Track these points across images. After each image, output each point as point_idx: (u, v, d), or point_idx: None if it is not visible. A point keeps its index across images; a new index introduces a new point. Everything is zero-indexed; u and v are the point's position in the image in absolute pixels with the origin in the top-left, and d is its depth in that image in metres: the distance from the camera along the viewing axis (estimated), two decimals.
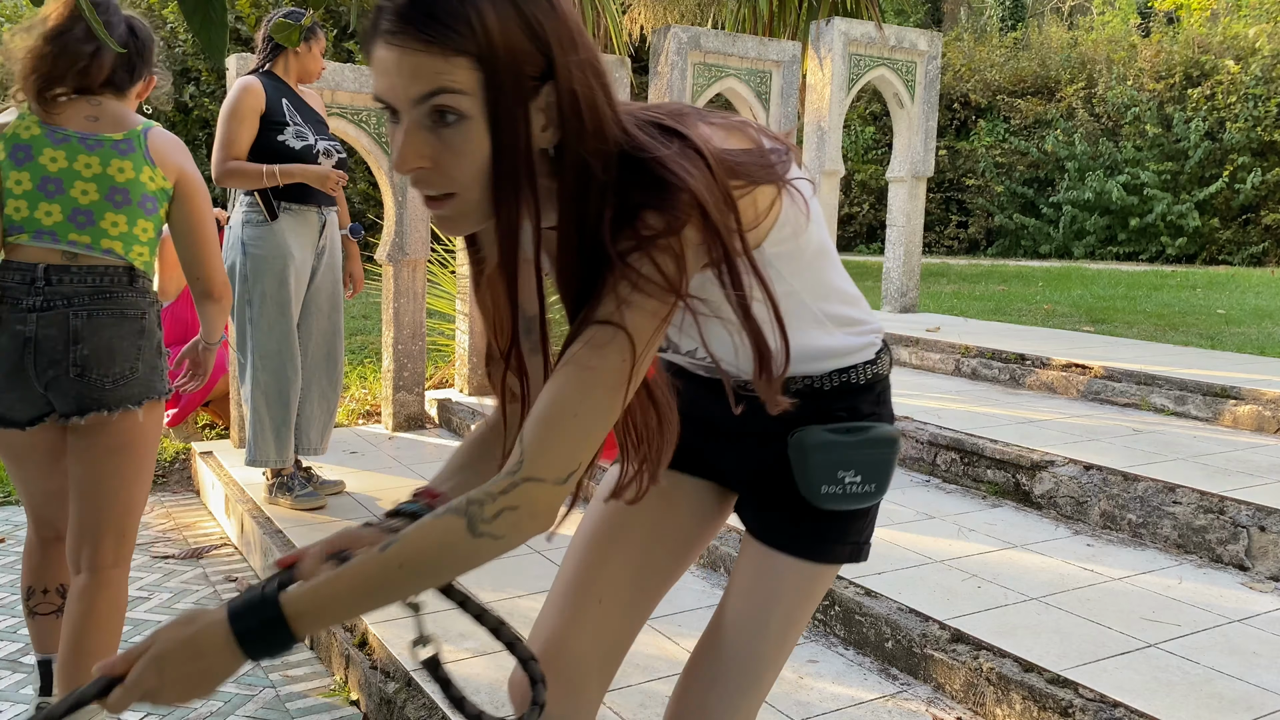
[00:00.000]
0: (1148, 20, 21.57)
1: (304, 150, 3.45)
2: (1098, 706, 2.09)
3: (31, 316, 2.06)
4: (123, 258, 2.13)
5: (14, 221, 2.08)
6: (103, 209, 2.11)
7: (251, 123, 3.40)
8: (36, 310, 2.06)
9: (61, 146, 2.09)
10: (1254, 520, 2.91)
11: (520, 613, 2.75)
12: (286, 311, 3.48)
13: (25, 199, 2.07)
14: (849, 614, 2.62)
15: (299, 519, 3.52)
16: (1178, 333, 7.08)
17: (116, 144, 2.13)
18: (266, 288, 3.44)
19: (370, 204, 10.65)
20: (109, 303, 2.11)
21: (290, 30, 1.58)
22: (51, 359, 2.07)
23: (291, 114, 3.49)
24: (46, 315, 2.06)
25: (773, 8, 7.08)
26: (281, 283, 3.45)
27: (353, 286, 3.90)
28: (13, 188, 2.07)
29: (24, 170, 2.07)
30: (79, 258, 2.10)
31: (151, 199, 2.16)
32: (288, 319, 3.48)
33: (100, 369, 2.10)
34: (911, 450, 3.96)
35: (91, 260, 2.10)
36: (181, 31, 11.21)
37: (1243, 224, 15.05)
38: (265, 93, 3.44)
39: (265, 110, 3.43)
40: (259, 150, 3.42)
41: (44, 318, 2.06)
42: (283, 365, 3.50)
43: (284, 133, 3.44)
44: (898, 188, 6.77)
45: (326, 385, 3.70)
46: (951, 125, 18.06)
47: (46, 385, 2.08)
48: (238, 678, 2.69)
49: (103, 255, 2.11)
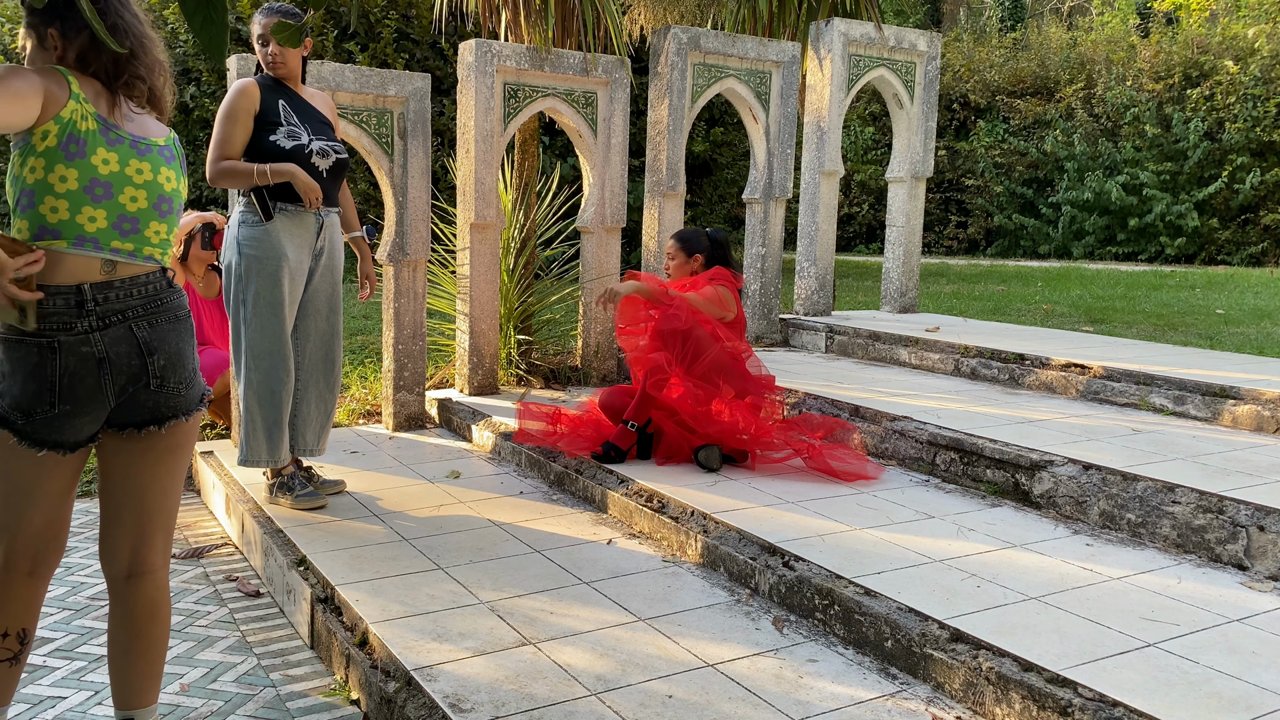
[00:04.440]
0: (1147, 20, 21.60)
1: (295, 150, 3.45)
2: (1097, 706, 2.09)
3: (95, 336, 1.96)
4: (159, 262, 2.09)
5: (49, 224, 1.94)
6: (148, 218, 2.04)
7: (245, 123, 3.42)
8: (95, 330, 1.97)
9: (115, 148, 1.99)
10: (1253, 520, 2.92)
11: (521, 612, 2.76)
12: (279, 312, 3.48)
13: (67, 199, 1.94)
14: (848, 613, 2.63)
15: (299, 519, 3.52)
16: (1177, 333, 7.08)
17: (162, 149, 2.08)
18: (260, 288, 3.44)
19: (370, 204, 10.64)
20: (162, 308, 2.06)
21: (290, 31, 1.58)
22: (130, 375, 2.01)
23: (287, 114, 3.49)
24: (109, 333, 1.98)
25: (772, 8, 7.08)
26: (275, 283, 3.45)
27: (369, 286, 3.89)
28: (56, 184, 1.93)
29: (72, 166, 1.94)
30: (117, 268, 2.00)
31: (181, 205, 2.16)
32: (280, 320, 3.49)
33: (176, 376, 2.07)
34: (911, 450, 3.96)
35: (132, 269, 2.02)
36: (182, 32, 11.21)
37: (1242, 224, 15.06)
38: (261, 94, 3.46)
39: (260, 111, 3.44)
40: (252, 150, 3.44)
41: (107, 335, 1.97)
42: (275, 366, 3.51)
43: (276, 133, 3.44)
44: (897, 188, 6.78)
45: (324, 387, 3.70)
46: (951, 125, 18.07)
47: (119, 400, 2.02)
48: (239, 677, 2.70)
49: (144, 263, 2.05)
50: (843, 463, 3.78)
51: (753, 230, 6.24)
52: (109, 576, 2.15)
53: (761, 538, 3.07)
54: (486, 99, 4.96)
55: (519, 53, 5.06)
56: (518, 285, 5.64)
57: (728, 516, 3.27)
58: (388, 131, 4.69)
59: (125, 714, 2.17)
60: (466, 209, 5.05)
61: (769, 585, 2.89)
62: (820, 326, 6.09)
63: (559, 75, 5.22)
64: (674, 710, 2.24)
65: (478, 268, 5.09)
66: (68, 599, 3.19)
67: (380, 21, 10.44)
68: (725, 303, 4.05)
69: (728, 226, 13.12)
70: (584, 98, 5.34)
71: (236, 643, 2.92)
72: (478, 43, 4.92)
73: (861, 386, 4.81)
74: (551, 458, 4.08)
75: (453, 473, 4.17)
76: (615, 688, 2.33)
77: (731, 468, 3.91)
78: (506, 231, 5.60)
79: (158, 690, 2.20)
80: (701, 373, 3.91)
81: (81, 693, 2.59)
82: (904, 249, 6.78)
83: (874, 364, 5.60)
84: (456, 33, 10.73)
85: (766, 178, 6.13)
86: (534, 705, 2.24)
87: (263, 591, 3.31)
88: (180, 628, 3.00)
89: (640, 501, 3.54)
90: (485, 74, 4.95)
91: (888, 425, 4.09)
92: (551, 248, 6.06)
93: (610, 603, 2.84)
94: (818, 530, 3.16)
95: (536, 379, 5.44)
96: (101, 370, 1.98)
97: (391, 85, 4.63)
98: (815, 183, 6.39)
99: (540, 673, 2.40)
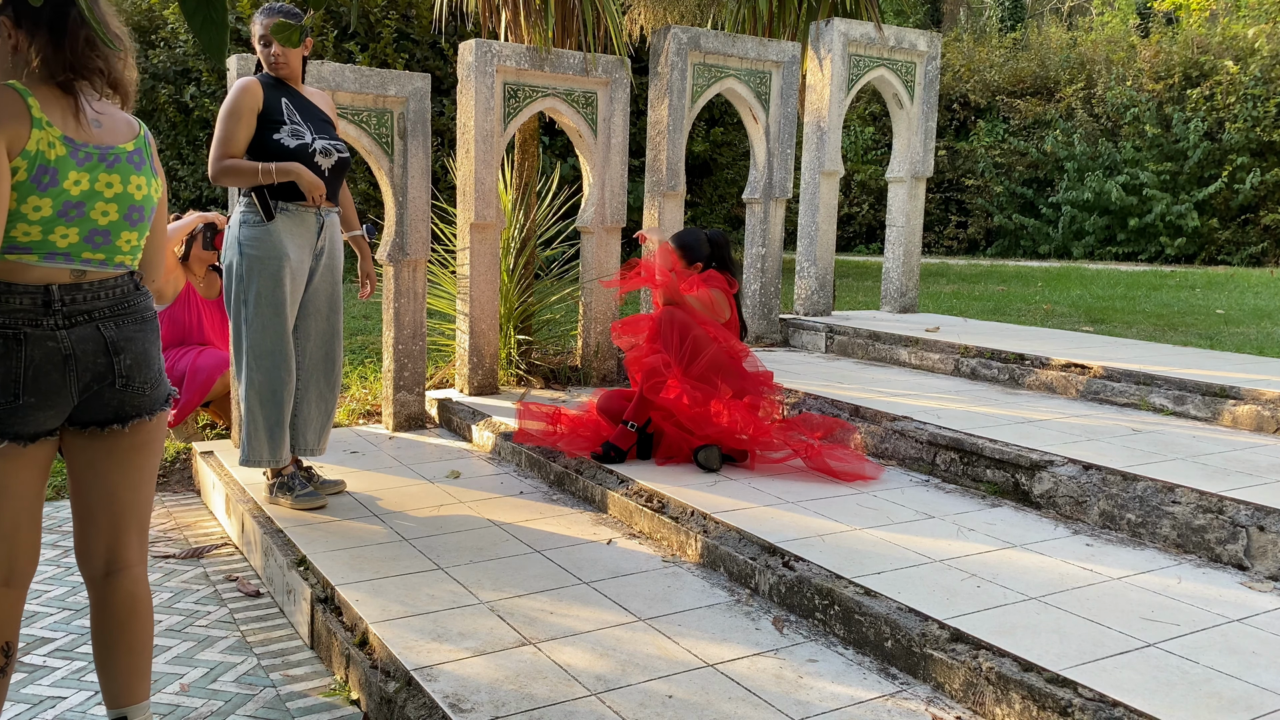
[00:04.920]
0: (1147, 21, 21.59)
1: (299, 149, 3.45)
2: (1097, 706, 2.09)
3: (61, 333, 1.97)
4: (128, 268, 2.10)
5: (19, 243, 1.94)
6: (120, 229, 2.05)
7: (249, 121, 3.42)
8: (62, 327, 1.98)
9: (85, 167, 1.98)
10: (1253, 520, 2.92)
11: (521, 612, 2.76)
12: (281, 312, 3.48)
13: (40, 224, 1.94)
14: (848, 613, 2.63)
15: (300, 519, 3.52)
16: (1177, 333, 7.08)
17: (131, 156, 2.07)
18: (261, 287, 3.44)
19: (370, 204, 10.64)
20: (129, 310, 2.07)
21: (290, 31, 1.58)
22: (96, 373, 2.02)
23: (290, 113, 3.49)
24: (75, 331, 1.99)
25: (772, 8, 7.08)
26: (277, 283, 3.45)
27: (369, 285, 3.89)
28: (29, 213, 1.92)
29: (46, 196, 1.93)
30: (88, 274, 2.02)
31: (154, 208, 2.14)
32: (282, 319, 3.49)
33: (141, 375, 2.08)
34: (911, 450, 3.96)
35: (102, 275, 2.04)
36: (182, 32, 11.21)
37: (1242, 224, 15.06)
38: (264, 92, 3.46)
39: (263, 109, 3.44)
40: (255, 149, 3.44)
41: (74, 333, 1.98)
42: (277, 365, 3.51)
43: (279, 131, 3.44)
44: (897, 188, 6.78)
45: (325, 387, 3.70)
46: (951, 125, 18.07)
47: (83, 397, 2.03)
48: (239, 677, 2.70)
49: (114, 269, 2.06)
50: (842, 463, 3.78)
51: (753, 230, 6.24)
52: (87, 577, 2.17)
53: (761, 538, 3.07)
54: (486, 99, 4.96)
55: (519, 53, 5.06)
56: (518, 285, 5.64)
57: (728, 516, 3.27)
58: (388, 131, 4.69)
59: (117, 713, 2.17)
60: (466, 209, 5.05)
61: (769, 585, 2.89)
62: (820, 326, 6.09)
63: (559, 75, 5.22)
64: (674, 710, 2.24)
65: (478, 268, 5.09)
66: (68, 599, 3.20)
67: (380, 21, 10.44)
68: (719, 307, 4.07)
69: (728, 226, 13.11)
70: (584, 98, 5.34)
71: (236, 643, 2.92)
72: (478, 43, 4.92)
73: (861, 386, 4.81)
74: (551, 458, 4.08)
75: (453, 473, 4.17)
76: (615, 688, 2.33)
77: (731, 467, 3.91)
78: (506, 231, 5.60)
79: (148, 686, 2.20)
80: (700, 372, 3.91)
81: (81, 693, 2.59)
82: (904, 249, 6.78)
83: (874, 364, 5.60)
84: (456, 33, 10.74)
85: (766, 178, 6.13)
86: (534, 705, 2.24)
87: (263, 591, 3.31)
88: (180, 628, 3.00)
89: (640, 501, 3.54)
90: (485, 74, 4.95)
91: (888, 425, 4.09)
92: (551, 248, 6.06)
93: (610, 603, 2.84)
94: (818, 530, 3.16)
95: (536, 379, 5.44)
96: (67, 366, 1.99)
97: (391, 85, 4.63)
98: (815, 183, 6.39)
99: (540, 673, 2.40)
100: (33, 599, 3.18)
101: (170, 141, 11.62)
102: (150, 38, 11.52)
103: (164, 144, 11.62)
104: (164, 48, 11.26)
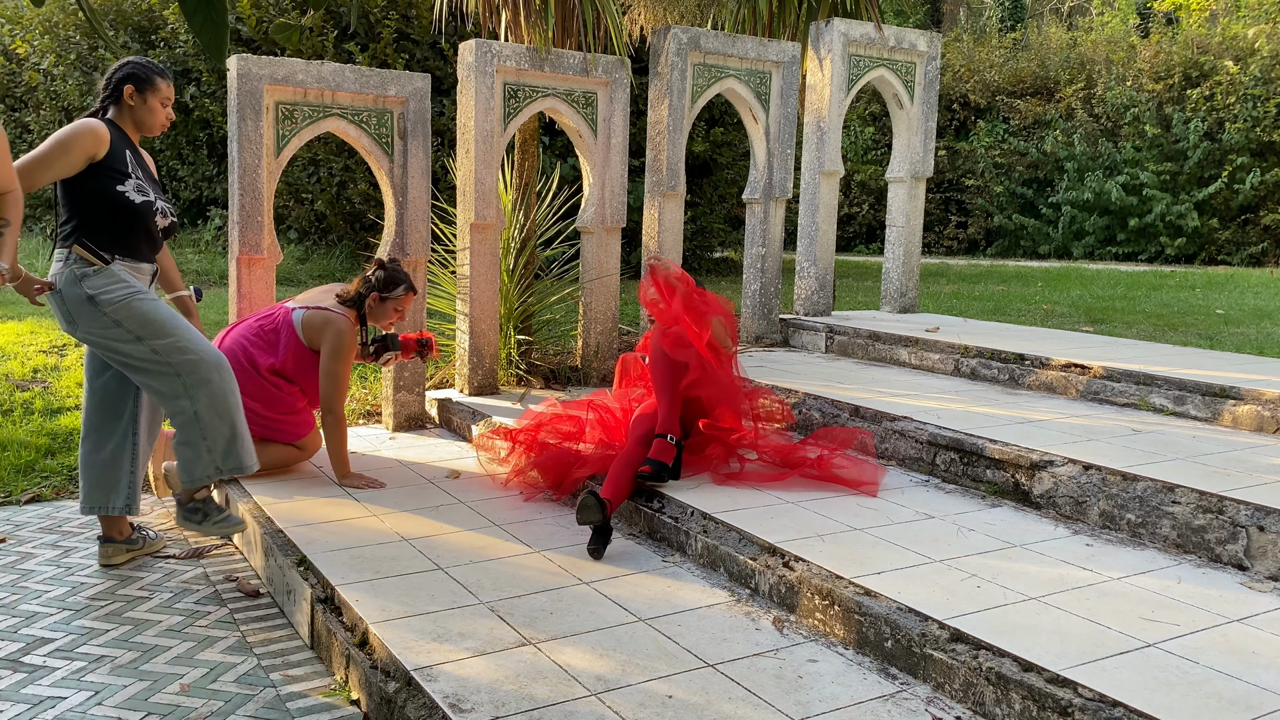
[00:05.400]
0: (1147, 21, 21.60)
1: (144, 205, 3.28)
2: (1097, 706, 2.09)
3: None
4: None
5: None
6: None
7: (73, 163, 3.16)
8: None
9: None
10: (1253, 520, 2.92)
11: (522, 612, 2.76)
12: (178, 317, 3.31)
13: None
14: (848, 614, 2.63)
15: (299, 519, 3.52)
16: (1177, 333, 7.09)
17: None
18: (150, 309, 3.23)
19: (370, 204, 10.64)
20: None
21: (290, 31, 1.58)
22: None
23: (135, 168, 3.33)
24: None
25: (772, 8, 7.08)
26: (152, 300, 3.27)
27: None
28: None
29: None
30: None
31: None
32: (184, 323, 3.31)
33: None
34: (911, 450, 3.96)
35: None
36: (182, 32, 11.21)
37: (1242, 224, 15.06)
38: (112, 141, 3.25)
39: (107, 158, 3.22)
40: (93, 196, 3.21)
41: None
42: (223, 364, 3.31)
43: (124, 184, 3.25)
44: (897, 188, 6.78)
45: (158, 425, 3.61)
46: (951, 126, 18.07)
47: None
48: (239, 677, 2.70)
49: None
50: (850, 469, 3.73)
51: (753, 230, 6.24)
52: None
53: (761, 538, 3.07)
54: (486, 99, 4.97)
55: (519, 53, 5.06)
56: (518, 285, 5.64)
57: (728, 516, 3.27)
58: (388, 131, 4.69)
59: None
60: (466, 209, 5.06)
61: (769, 585, 2.89)
62: (820, 326, 6.09)
63: (559, 75, 5.22)
64: (674, 710, 2.24)
65: (478, 268, 5.09)
66: (68, 599, 3.20)
67: (380, 22, 10.43)
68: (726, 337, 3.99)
69: (728, 226, 13.11)
70: (584, 98, 5.34)
71: (236, 643, 2.92)
72: (478, 43, 4.92)
73: (861, 386, 4.81)
74: None
75: (452, 473, 4.18)
76: (615, 688, 2.33)
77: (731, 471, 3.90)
78: (506, 231, 5.60)
79: None
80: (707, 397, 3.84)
81: (81, 693, 2.59)
82: (904, 249, 6.78)
83: (874, 364, 5.60)
84: (456, 33, 10.74)
85: (766, 178, 6.13)
86: (534, 705, 2.25)
87: (263, 591, 3.31)
88: (180, 628, 3.01)
89: (640, 502, 3.55)
90: (485, 74, 4.95)
91: (888, 425, 4.09)
92: (551, 248, 6.06)
93: (610, 603, 2.84)
94: (818, 530, 3.16)
95: (536, 379, 5.44)
96: None
97: (391, 85, 4.63)
98: (815, 183, 6.39)
99: (540, 673, 2.40)
100: (33, 599, 3.18)
101: (170, 141, 11.62)
102: (150, 38, 11.51)
103: (164, 144, 11.62)
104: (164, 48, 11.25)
